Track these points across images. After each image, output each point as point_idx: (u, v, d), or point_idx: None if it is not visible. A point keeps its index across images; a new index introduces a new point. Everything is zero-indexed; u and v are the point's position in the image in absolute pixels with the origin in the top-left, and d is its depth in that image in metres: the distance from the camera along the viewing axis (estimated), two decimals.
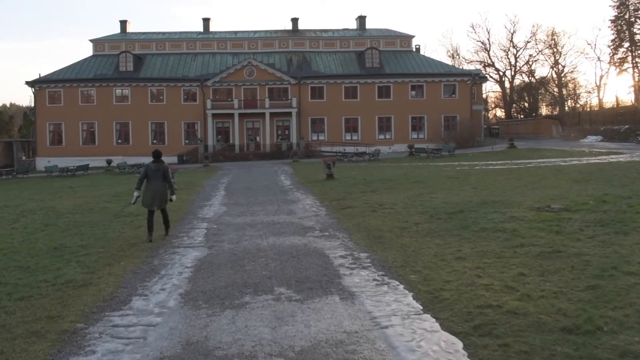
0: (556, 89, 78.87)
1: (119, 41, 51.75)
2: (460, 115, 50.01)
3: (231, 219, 13.52)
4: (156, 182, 11.11)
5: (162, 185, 11.19)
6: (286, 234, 11.22)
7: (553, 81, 79.52)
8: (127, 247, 10.45)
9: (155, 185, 11.09)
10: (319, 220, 12.94)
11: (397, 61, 51.83)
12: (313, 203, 16.15)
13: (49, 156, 46.09)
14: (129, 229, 12.65)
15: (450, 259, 8.62)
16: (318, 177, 24.39)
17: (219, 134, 48.87)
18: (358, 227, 11.77)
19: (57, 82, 47.44)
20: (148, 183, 11.17)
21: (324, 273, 8.01)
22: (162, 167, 11.20)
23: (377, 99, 49.92)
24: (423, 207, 14.16)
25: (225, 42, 52.68)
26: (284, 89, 49.33)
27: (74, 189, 24.88)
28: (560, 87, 77.36)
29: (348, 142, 48.24)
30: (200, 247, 10.28)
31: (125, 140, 48.41)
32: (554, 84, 79.45)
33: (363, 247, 9.78)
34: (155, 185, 11.10)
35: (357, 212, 13.93)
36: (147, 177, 11.17)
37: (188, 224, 13.13)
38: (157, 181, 11.12)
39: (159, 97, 48.78)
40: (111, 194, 21.04)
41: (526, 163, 28.70)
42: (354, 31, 56.43)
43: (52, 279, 8.31)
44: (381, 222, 12.33)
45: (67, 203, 18.43)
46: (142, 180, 11.28)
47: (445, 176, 22.07)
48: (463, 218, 12.16)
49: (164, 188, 11.24)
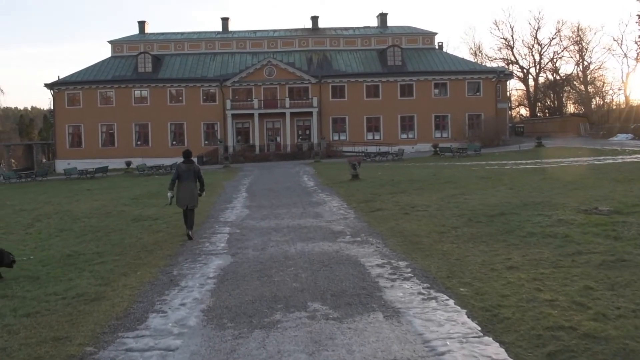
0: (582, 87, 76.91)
1: (138, 42, 51.41)
2: (484, 114, 48.75)
3: (255, 223, 12.73)
4: (188, 182, 11.20)
5: (194, 185, 11.29)
6: (315, 240, 10.39)
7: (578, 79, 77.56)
8: (145, 255, 9.71)
9: (187, 185, 11.19)
10: (348, 224, 12.08)
11: (419, 59, 50.75)
12: (340, 205, 15.31)
13: (69, 158, 45.87)
14: (147, 234, 11.93)
15: (500, 268, 7.71)
16: (342, 177, 23.54)
17: (239, 134, 48.26)
18: (392, 232, 10.90)
19: (75, 84, 47.20)
20: (180, 183, 11.22)
21: (361, 285, 7.16)
22: (193, 168, 11.32)
23: (399, 98, 48.86)
24: (459, 209, 13.24)
25: (245, 41, 52.06)
26: (304, 89, 48.55)
27: (92, 191, 24.36)
28: (586, 84, 75.42)
29: (370, 142, 47.27)
30: (223, 254, 9.50)
31: (145, 142, 48.03)
32: (579, 81, 77.49)
33: (401, 255, 8.91)
34: (187, 185, 11.19)
35: (388, 214, 13.05)
36: (179, 177, 11.24)
37: (209, 228, 12.38)
38: (189, 181, 11.22)
39: (178, 97, 48.32)
40: (130, 196, 20.42)
41: (558, 162, 27.55)
42: (375, 29, 55.43)
43: (62, 291, 7.59)
44: (416, 225, 11.44)
45: (84, 206, 17.84)
46: (174, 180, 11.32)
47: (477, 176, 21.07)
48: (505, 221, 11.23)
49: (195, 187, 11.34)
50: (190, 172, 11.21)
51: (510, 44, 77.80)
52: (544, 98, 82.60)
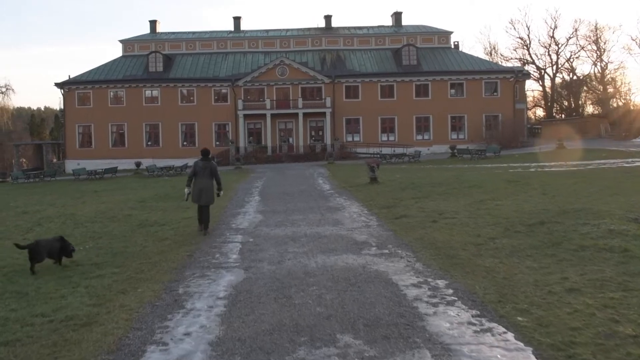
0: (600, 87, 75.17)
1: (149, 41, 50.63)
2: (502, 114, 47.50)
3: (269, 230, 11.67)
4: (204, 179, 11.61)
5: (210, 182, 11.69)
6: (337, 251, 9.31)
7: (596, 79, 75.85)
8: (148, 267, 8.68)
9: (203, 182, 11.58)
10: (372, 233, 10.99)
11: (435, 58, 49.55)
12: (360, 211, 14.21)
13: (79, 158, 45.17)
14: (152, 242, 10.90)
15: (559, 290, 6.59)
16: (359, 180, 22.43)
17: (251, 135, 47.30)
18: (422, 243, 9.80)
19: (86, 84, 46.50)
20: (196, 180, 11.65)
21: (398, 311, 6.06)
22: (210, 165, 11.72)
23: (414, 98, 47.70)
24: (492, 216, 12.10)
25: (257, 40, 51.13)
26: (317, 89, 47.50)
27: (99, 193, 23.45)
28: (604, 84, 73.68)
29: (385, 143, 46.13)
30: (235, 268, 8.44)
31: (155, 142, 47.23)
32: (597, 81, 75.78)
33: (437, 271, 7.81)
34: (203, 182, 11.58)
35: (414, 222, 11.94)
36: (196, 174, 11.66)
37: (220, 236, 11.32)
38: (205, 178, 11.61)
39: (189, 97, 47.45)
40: (137, 199, 19.45)
41: (585, 165, 26.25)
42: (390, 28, 54.29)
43: (51, 312, 6.59)
44: (448, 235, 10.33)
45: (88, 209, 16.88)
46: (191, 177, 11.80)
47: (503, 179, 19.86)
48: (548, 231, 10.08)
49: (211, 185, 11.75)
50: (207, 170, 11.59)
51: (526, 44, 76.19)
52: (560, 99, 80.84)
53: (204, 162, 11.71)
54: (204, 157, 11.79)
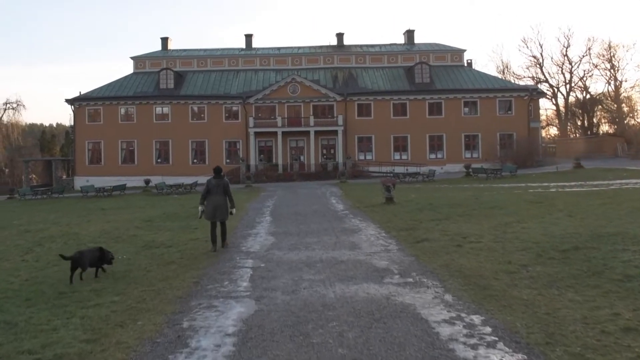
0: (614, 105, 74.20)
1: (160, 58, 50.51)
2: (517, 133, 46.68)
3: (282, 254, 10.91)
4: (217, 196, 11.79)
5: (223, 199, 11.84)
6: (356, 280, 8.53)
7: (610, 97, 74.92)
8: (151, 296, 7.94)
9: (217, 199, 11.75)
10: (392, 259, 10.21)
11: (448, 76, 48.95)
12: (378, 234, 13.43)
13: (88, 175, 44.82)
14: (156, 266, 10.19)
15: (613, 330, 5.78)
16: (374, 200, 21.67)
17: (262, 153, 46.75)
18: (448, 270, 9.01)
19: (96, 100, 46.30)
20: (210, 197, 11.82)
21: (432, 355, 5.28)
22: (223, 183, 11.89)
23: (427, 116, 47.04)
24: (520, 240, 11.29)
25: (268, 58, 50.86)
26: (329, 106, 46.98)
27: (106, 211, 22.84)
28: (618, 103, 72.70)
29: (397, 162, 45.39)
30: (246, 297, 7.68)
31: (165, 160, 46.80)
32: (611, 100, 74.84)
33: (470, 304, 7.01)
34: (217, 199, 11.75)
35: (437, 247, 11.15)
36: (209, 191, 11.83)
37: (229, 260, 10.58)
38: (218, 195, 11.80)
39: (200, 115, 47.10)
40: (144, 218, 18.79)
41: (607, 184, 25.38)
42: (402, 46, 53.84)
43: (39, 348, 5.88)
44: (475, 262, 9.53)
45: (93, 228, 16.23)
46: (205, 195, 11.91)
47: (525, 200, 19.02)
48: (585, 258, 9.27)
49: (225, 202, 11.89)
50: (220, 187, 11.78)
51: (539, 62, 75.52)
52: (574, 117, 79.85)
53: (216, 179, 11.86)
54: (217, 175, 11.93)
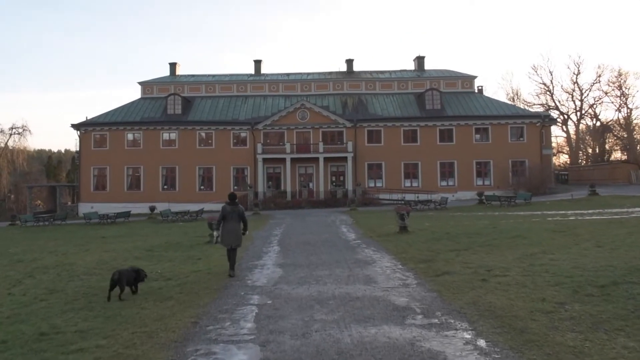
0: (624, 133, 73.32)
1: (168, 84, 50.17)
2: (529, 160, 45.71)
3: (290, 290, 9.95)
4: (232, 223, 11.93)
5: (238, 226, 12.00)
6: (375, 320, 7.56)
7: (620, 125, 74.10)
8: (142, 339, 7.00)
9: (232, 226, 11.91)
10: (412, 295, 9.23)
11: (459, 103, 48.26)
12: (394, 265, 12.45)
13: (93, 202, 44.12)
14: (152, 302, 9.25)
15: None
16: (386, 229, 20.71)
17: (270, 179, 45.95)
18: (477, 309, 8.03)
19: (103, 125, 45.79)
20: (225, 223, 11.95)
21: None
22: (238, 210, 12.03)
23: (438, 143, 46.19)
24: (550, 274, 10.30)
25: (277, 84, 50.44)
26: (338, 133, 46.28)
27: (107, 239, 21.98)
28: (629, 131, 71.80)
29: (408, 189, 44.42)
30: (249, 342, 6.73)
31: (172, 186, 46.04)
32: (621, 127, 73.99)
33: (508, 352, 6.04)
34: (232, 225, 11.91)
35: (460, 281, 10.16)
36: (224, 218, 11.95)
37: (233, 295, 9.63)
38: (233, 222, 11.93)
39: (208, 141, 46.50)
40: (145, 247, 17.88)
41: (627, 212, 24.31)
42: (412, 72, 53.34)
43: None
44: (506, 299, 8.55)
45: (90, 258, 15.34)
46: (220, 221, 12.08)
47: (546, 229, 17.98)
48: (628, 295, 8.30)
49: (239, 228, 12.02)
50: (235, 213, 11.94)
51: (549, 89, 74.94)
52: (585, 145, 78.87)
53: (231, 206, 12.00)
54: (231, 202, 12.08)
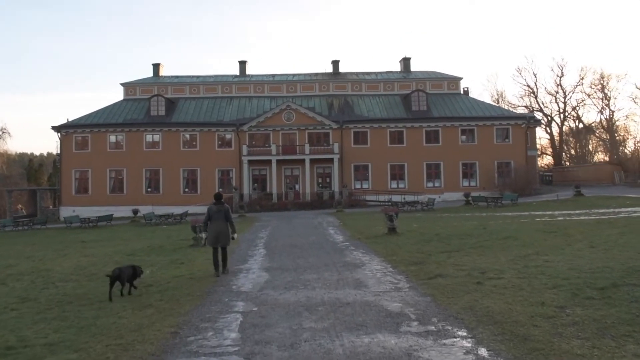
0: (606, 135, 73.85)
1: (151, 85, 49.35)
2: (514, 161, 45.72)
3: (277, 295, 9.47)
4: (218, 222, 11.99)
5: (224, 225, 12.04)
6: (367, 328, 7.10)
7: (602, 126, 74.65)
8: (116, 353, 6.46)
9: (218, 225, 11.95)
10: (405, 299, 8.80)
11: (445, 104, 48.15)
12: (384, 268, 12.01)
13: (74, 205, 43.20)
14: (130, 311, 8.70)
15: None
16: (374, 230, 20.30)
17: (256, 181, 45.38)
18: (474, 314, 7.61)
19: (84, 127, 44.85)
20: (211, 223, 12.04)
21: None
22: (223, 209, 12.09)
23: (424, 144, 46.03)
24: (547, 276, 9.95)
25: (263, 85, 49.89)
26: (324, 134, 45.88)
27: (87, 244, 21.31)
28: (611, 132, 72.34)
29: (394, 191, 44.12)
30: (233, 355, 6.22)
31: (155, 189, 45.28)
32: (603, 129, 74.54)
33: None
34: (218, 225, 11.96)
35: (454, 284, 9.76)
36: (210, 218, 12.04)
37: (216, 302, 9.12)
38: (219, 221, 11.99)
39: (192, 142, 45.82)
40: (127, 251, 17.29)
41: (613, 213, 24.22)
42: (398, 73, 53.14)
43: None
44: (503, 303, 8.15)
45: (68, 264, 14.71)
46: (206, 222, 12.18)
47: (536, 230, 17.69)
48: (631, 298, 7.97)
49: (226, 227, 12.07)
50: (221, 213, 12.00)
51: (533, 91, 75.23)
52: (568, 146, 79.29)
53: (217, 206, 12.08)
54: (217, 201, 12.19)
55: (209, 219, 12.00)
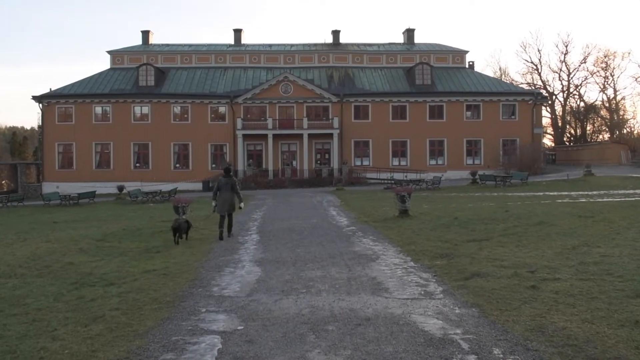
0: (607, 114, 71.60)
1: (140, 53, 46.36)
2: (520, 139, 43.53)
3: (271, 303, 7.17)
4: (226, 193, 13.59)
5: (231, 195, 13.67)
6: None
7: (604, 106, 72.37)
8: None
9: (226, 196, 13.57)
10: (444, 312, 6.54)
11: (450, 78, 45.66)
12: (404, 262, 9.76)
13: (58, 181, 40.65)
14: (72, 326, 6.36)
15: None
16: (382, 212, 18.04)
17: (251, 157, 42.92)
18: (550, 341, 5.38)
19: (68, 98, 41.94)
20: (220, 193, 13.60)
21: None
22: (231, 181, 13.69)
23: (428, 120, 43.67)
24: (617, 278, 7.80)
25: (259, 55, 47.10)
26: (324, 108, 43.37)
27: (58, 225, 18.96)
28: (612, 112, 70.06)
29: (396, 168, 41.80)
30: None
31: (144, 164, 42.79)
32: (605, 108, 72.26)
33: None
34: (226, 195, 13.57)
35: (501, 288, 7.50)
36: (219, 188, 13.62)
37: (189, 314, 6.81)
38: (227, 192, 13.60)
39: (183, 115, 43.24)
40: (97, 235, 14.93)
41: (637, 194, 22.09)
42: (402, 45, 50.42)
43: None
44: (582, 322, 5.94)
45: (22, 252, 12.34)
46: (216, 192, 13.73)
47: (569, 214, 15.42)
48: None
49: (233, 197, 13.70)
50: (229, 185, 13.61)
51: (537, 68, 72.58)
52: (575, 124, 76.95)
53: (225, 178, 13.71)
54: (226, 174, 13.84)
55: (219, 189, 13.59)
